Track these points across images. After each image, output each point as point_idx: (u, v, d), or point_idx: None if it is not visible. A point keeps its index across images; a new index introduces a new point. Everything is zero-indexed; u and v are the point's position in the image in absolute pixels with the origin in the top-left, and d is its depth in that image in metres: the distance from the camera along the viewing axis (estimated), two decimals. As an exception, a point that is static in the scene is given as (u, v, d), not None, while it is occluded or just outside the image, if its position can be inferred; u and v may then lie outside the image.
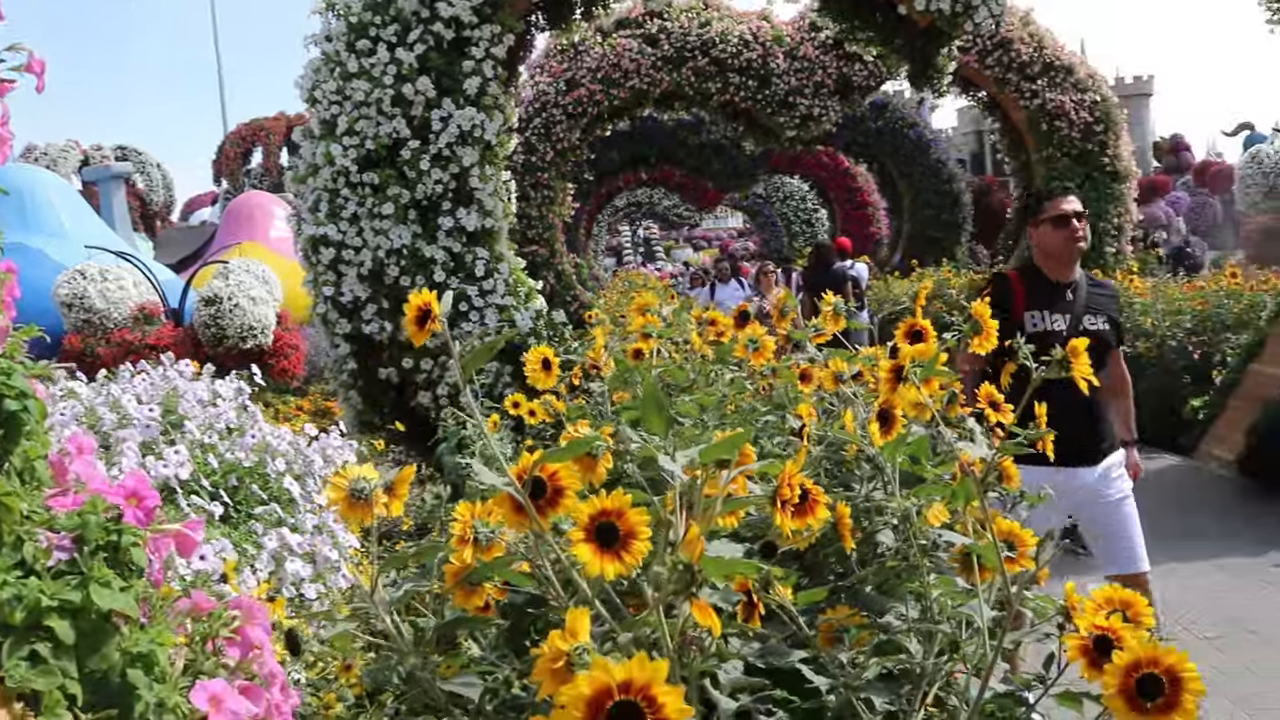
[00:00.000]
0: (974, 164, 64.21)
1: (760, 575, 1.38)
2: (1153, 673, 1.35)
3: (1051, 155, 16.21)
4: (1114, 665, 1.37)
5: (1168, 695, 1.34)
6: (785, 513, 1.49)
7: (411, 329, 1.37)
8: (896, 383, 1.79)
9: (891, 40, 9.78)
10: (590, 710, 0.92)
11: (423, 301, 1.33)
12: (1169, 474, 8.83)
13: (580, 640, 1.07)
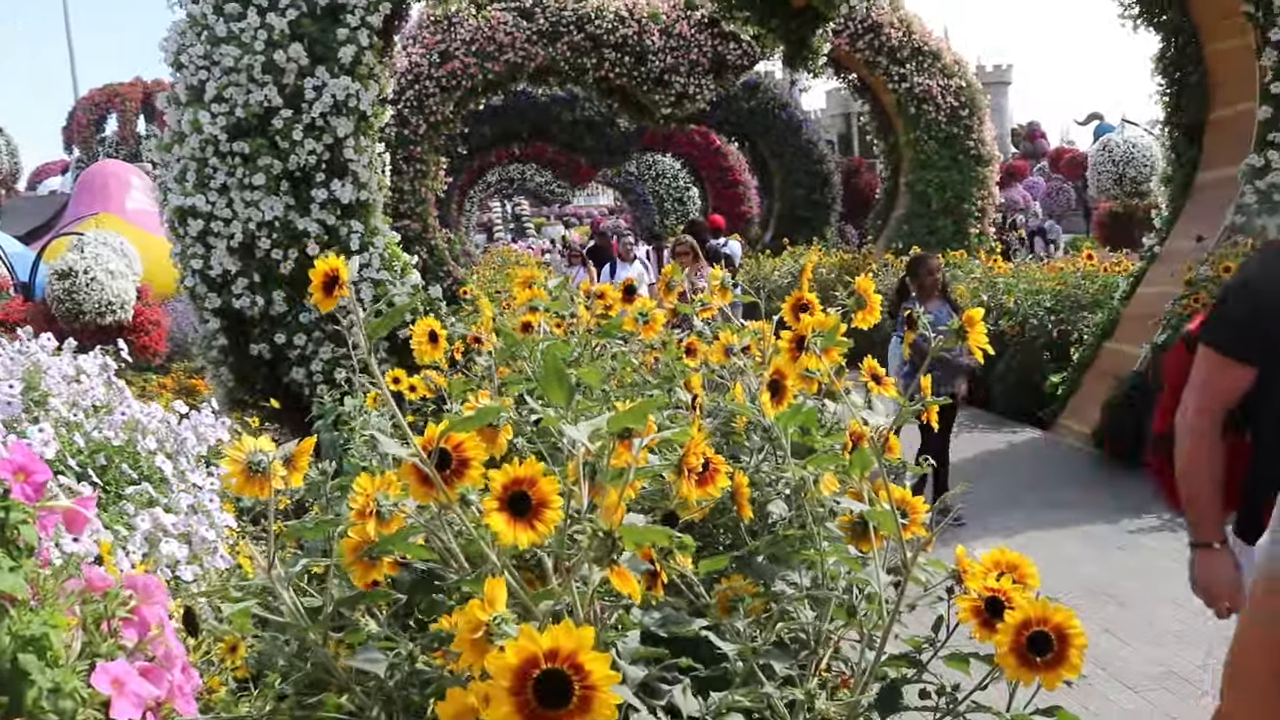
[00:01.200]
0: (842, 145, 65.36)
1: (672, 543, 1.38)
2: (1042, 630, 1.40)
3: (919, 138, 16.60)
4: (1006, 625, 1.42)
5: (1056, 651, 1.38)
6: (690, 482, 1.49)
7: (318, 295, 1.33)
8: (798, 353, 1.82)
9: (768, 21, 9.88)
10: (517, 679, 0.91)
11: (330, 267, 1.29)
12: (1030, 447, 9.18)
13: (498, 610, 1.06)
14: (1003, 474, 8.27)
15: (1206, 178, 9.23)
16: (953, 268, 13.89)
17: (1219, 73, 9.12)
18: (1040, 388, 9.79)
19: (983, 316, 5.12)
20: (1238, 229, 8.42)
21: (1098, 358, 9.29)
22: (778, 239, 23.35)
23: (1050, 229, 32.89)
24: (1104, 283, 10.40)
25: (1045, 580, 5.04)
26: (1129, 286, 9.45)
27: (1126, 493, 7.43)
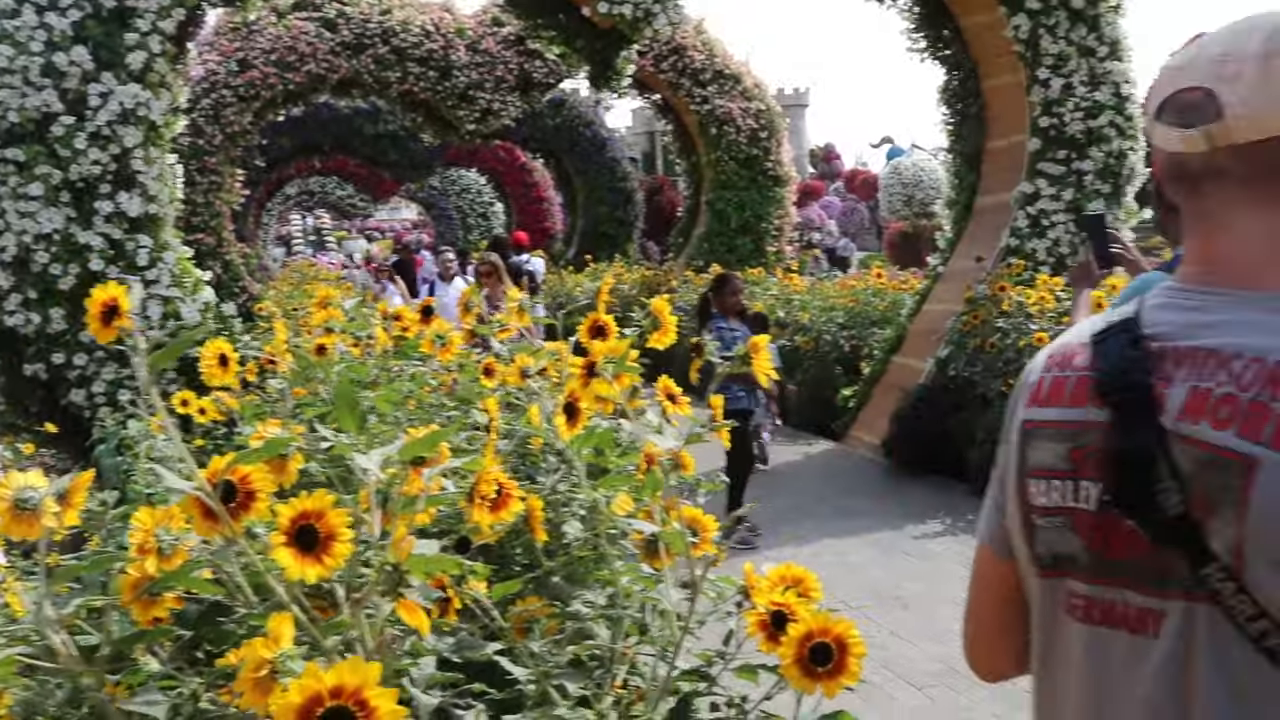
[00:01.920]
0: (646, 163, 66.21)
1: (463, 570, 1.39)
2: (824, 641, 1.46)
3: (720, 158, 17.02)
4: (789, 637, 1.48)
5: (836, 661, 1.45)
6: (482, 508, 1.51)
7: (95, 326, 1.28)
8: (588, 378, 1.85)
9: (574, 40, 9.98)
10: (302, 718, 0.91)
11: (108, 296, 1.25)
12: (824, 458, 9.52)
13: (284, 646, 1.05)
14: (797, 485, 8.56)
15: (985, 202, 9.80)
16: (751, 285, 14.32)
17: (995, 106, 9.71)
18: (833, 401, 10.18)
19: (779, 332, 5.31)
20: (1012, 251, 8.97)
21: (887, 371, 9.73)
22: (581, 255, 23.51)
23: (844, 247, 34.19)
24: (893, 300, 10.90)
25: (835, 587, 5.25)
26: (915, 304, 9.93)
27: (913, 500, 7.80)
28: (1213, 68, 1.16)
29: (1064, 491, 1.25)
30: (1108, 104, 9.02)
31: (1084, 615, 1.25)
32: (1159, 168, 1.27)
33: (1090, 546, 1.23)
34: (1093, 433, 1.22)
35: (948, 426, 8.20)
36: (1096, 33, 9.02)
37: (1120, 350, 1.22)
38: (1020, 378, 1.41)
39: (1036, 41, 8.92)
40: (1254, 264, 1.18)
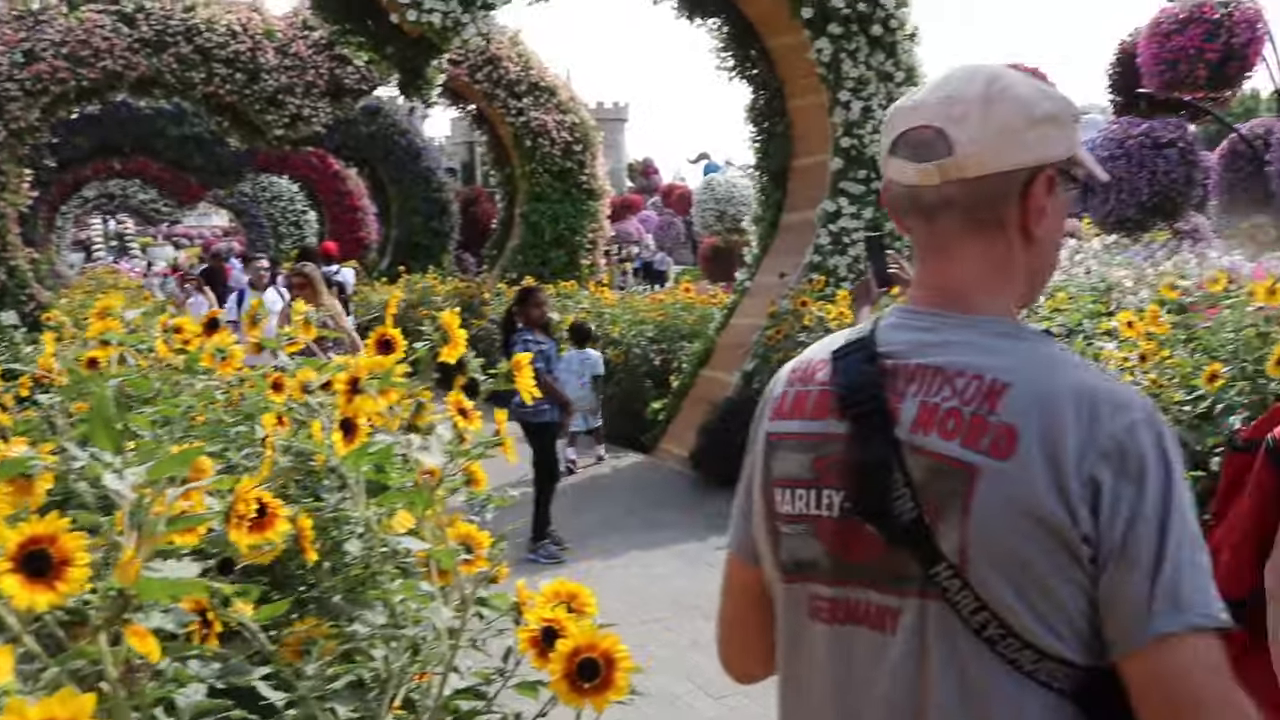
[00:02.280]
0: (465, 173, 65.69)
1: (214, 594, 1.35)
2: (591, 657, 1.47)
3: (534, 171, 17.03)
4: (558, 653, 1.48)
5: (604, 676, 1.46)
6: (241, 528, 1.47)
7: None
8: (353, 394, 1.83)
9: (383, 48, 9.81)
10: (5, 755, 0.86)
11: None
12: (633, 471, 9.62)
13: (3, 680, 1.00)
14: (607, 498, 8.62)
15: (790, 219, 10.10)
16: (563, 298, 14.35)
17: (800, 125, 10.02)
18: (643, 414, 10.29)
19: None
20: (815, 267, 9.27)
21: (695, 385, 9.89)
22: (395, 266, 23.17)
23: (661, 260, 34.66)
24: (702, 314, 11.09)
25: (640, 598, 5.32)
26: (723, 318, 10.14)
27: (718, 511, 7.93)
28: (942, 108, 1.29)
29: (808, 500, 1.35)
30: (904, 128, 9.41)
31: (828, 616, 1.34)
32: (892, 199, 1.38)
33: (831, 551, 1.32)
34: (834, 444, 1.32)
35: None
36: (894, 59, 9.43)
37: (858, 367, 1.32)
38: (765, 391, 1.53)
39: (838, 65, 9.25)
40: (975, 288, 1.32)
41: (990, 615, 1.19)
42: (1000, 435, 1.20)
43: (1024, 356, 1.26)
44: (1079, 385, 1.21)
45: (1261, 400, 5.36)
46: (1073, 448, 1.17)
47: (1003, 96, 1.28)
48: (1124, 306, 8.41)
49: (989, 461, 1.19)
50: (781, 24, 9.50)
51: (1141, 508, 1.17)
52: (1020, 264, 1.33)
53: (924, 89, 1.35)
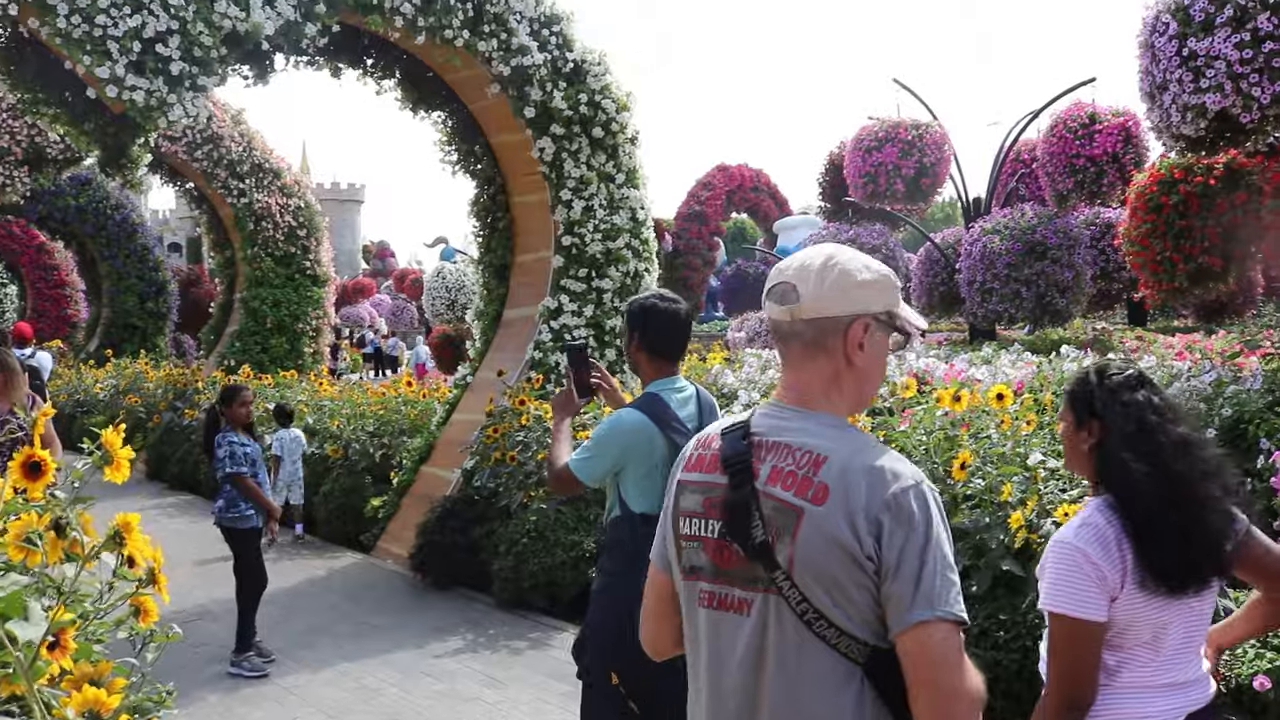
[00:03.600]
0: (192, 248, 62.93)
1: None
2: None
3: (256, 254, 16.42)
4: None
5: None
6: None
7: None
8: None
9: (83, 122, 9.21)
10: None
11: None
12: (350, 572, 9.20)
13: None
14: (321, 603, 8.20)
15: (512, 314, 10.08)
16: (282, 387, 13.79)
17: (522, 222, 10.07)
18: (362, 511, 9.93)
19: (310, 439, 5.14)
20: (536, 364, 9.25)
21: (416, 482, 9.64)
22: (105, 348, 21.78)
23: (393, 346, 34.07)
24: (423, 408, 10.86)
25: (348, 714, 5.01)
26: (445, 413, 9.96)
27: (437, 616, 7.70)
28: (796, 271, 1.98)
29: (699, 526, 2.03)
30: (625, 227, 9.63)
31: (708, 603, 2.01)
32: (769, 328, 2.05)
33: (712, 560, 1.99)
34: (717, 490, 1.99)
35: (473, 538, 8.22)
36: (615, 161, 9.64)
37: (736, 440, 1.99)
38: (681, 452, 2.17)
39: (560, 164, 9.38)
40: (814, 394, 1.98)
41: (809, 606, 1.85)
42: (819, 490, 1.85)
43: (840, 441, 1.90)
44: (872, 462, 1.86)
45: (952, 500, 5.68)
46: (863, 502, 1.82)
47: (835, 267, 1.95)
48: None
49: (811, 506, 1.85)
50: (505, 122, 9.56)
51: (909, 541, 1.80)
52: (846, 380, 1.98)
53: (790, 259, 2.02)
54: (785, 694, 1.90)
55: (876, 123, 15.03)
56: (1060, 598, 2.53)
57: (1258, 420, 6.97)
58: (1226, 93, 8.21)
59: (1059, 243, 13.50)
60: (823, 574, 1.83)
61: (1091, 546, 2.51)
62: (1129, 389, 2.63)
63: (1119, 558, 2.50)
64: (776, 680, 1.90)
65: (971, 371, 8.89)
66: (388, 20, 8.30)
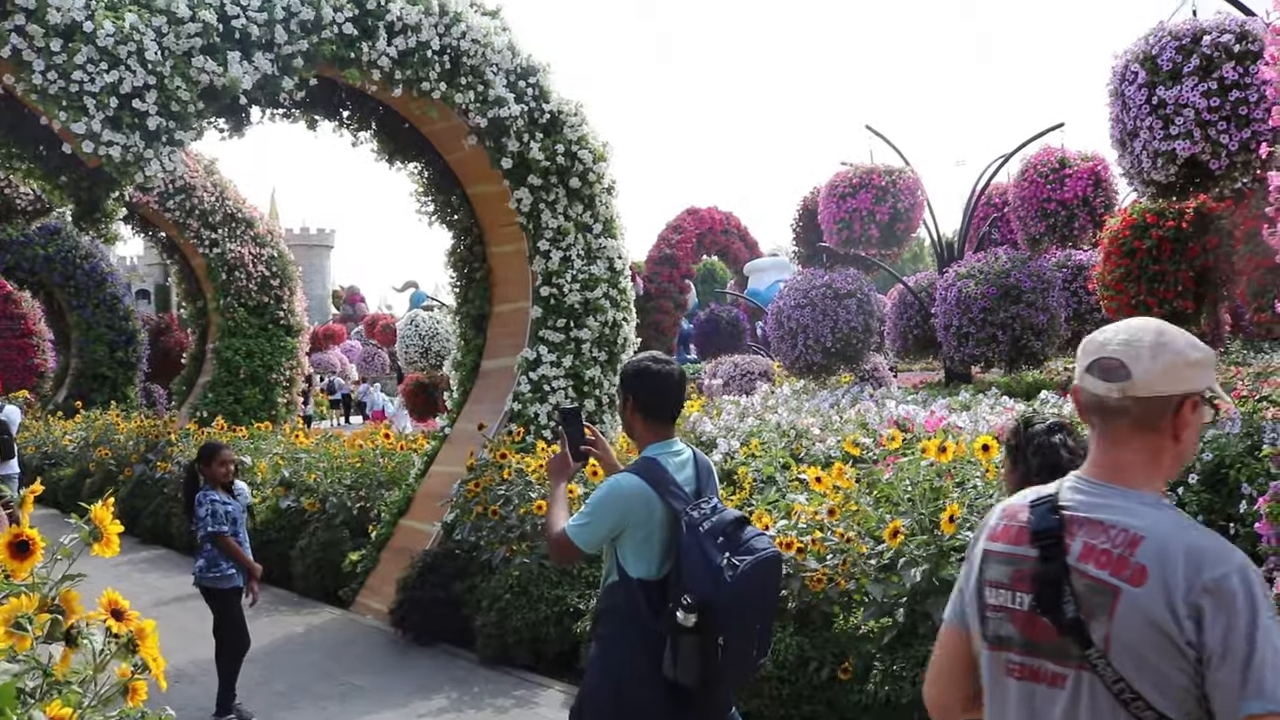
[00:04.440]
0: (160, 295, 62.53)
1: None
2: None
3: (229, 304, 16.32)
4: None
5: None
6: None
7: None
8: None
9: (56, 176, 9.14)
10: None
11: None
12: (329, 629, 9.06)
13: None
14: (300, 662, 8.06)
15: (491, 365, 10.03)
16: (256, 439, 13.65)
17: (500, 272, 10.05)
18: (340, 565, 9.80)
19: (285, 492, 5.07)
20: (515, 415, 9.20)
21: (395, 535, 9.53)
22: (74, 398, 21.55)
23: (365, 392, 33.86)
24: (401, 460, 10.76)
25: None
26: (424, 465, 9.87)
27: (419, 673, 7.59)
28: (1122, 347, 2.00)
29: (1007, 597, 2.07)
30: (603, 277, 9.62)
31: (1018, 675, 2.06)
32: (1083, 401, 2.07)
33: (1022, 632, 2.04)
34: (1026, 563, 2.04)
35: (455, 593, 8.12)
36: (592, 211, 9.66)
37: (1046, 514, 2.04)
38: (983, 521, 2.21)
39: (538, 215, 9.39)
40: (1133, 472, 2.00)
41: (1124, 685, 1.88)
42: (1136, 570, 1.88)
43: (1158, 520, 1.93)
44: (1191, 543, 1.88)
45: (940, 552, 5.65)
46: (1182, 585, 1.83)
47: (1167, 346, 1.98)
48: (813, 455, 8.79)
49: (1128, 587, 1.88)
50: (482, 172, 9.56)
51: (1233, 627, 1.80)
52: (1168, 456, 2.01)
53: (1108, 332, 2.06)
54: None
55: (850, 169, 15.16)
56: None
57: (1238, 465, 7.01)
58: (1195, 139, 8.34)
59: (1033, 286, 13.62)
60: (1140, 657, 1.86)
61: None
62: (1047, 435, 3.23)
63: None
64: None
65: (952, 418, 8.91)
66: (365, 73, 8.30)
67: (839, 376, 16.22)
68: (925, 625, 5.51)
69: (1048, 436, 3.19)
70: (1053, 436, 3.19)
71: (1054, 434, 3.20)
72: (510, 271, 9.92)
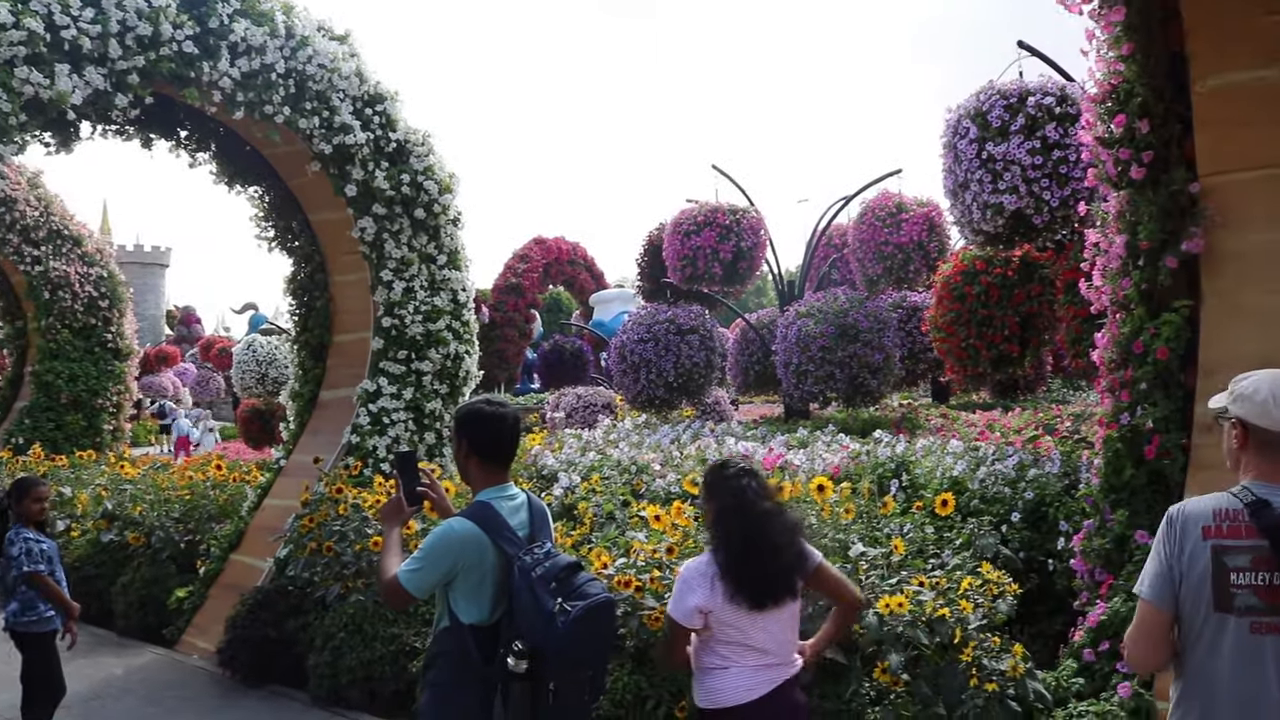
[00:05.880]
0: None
1: None
2: None
3: (51, 325, 15.57)
4: None
5: None
6: None
7: None
8: None
9: None
10: None
11: None
12: (151, 669, 8.65)
13: None
14: (119, 707, 7.67)
15: (329, 396, 9.80)
16: (78, 468, 13.03)
17: (341, 301, 9.85)
18: (166, 603, 9.39)
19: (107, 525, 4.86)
20: (354, 448, 9.00)
21: (225, 571, 9.19)
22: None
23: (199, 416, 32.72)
24: (233, 492, 10.41)
25: None
26: (257, 498, 9.56)
27: (246, 715, 7.32)
28: None
29: (1250, 577, 2.82)
30: (446, 309, 9.53)
31: (1265, 630, 2.81)
32: (1270, 430, 2.91)
33: (1265, 599, 2.81)
34: (1263, 549, 2.81)
35: (287, 631, 7.87)
36: (437, 242, 9.56)
37: (1268, 514, 2.81)
38: (1178, 525, 2.95)
39: (381, 244, 9.24)
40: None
41: None
42: None
43: None
44: None
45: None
46: None
47: None
48: (653, 491, 8.85)
49: None
50: (325, 199, 9.37)
51: None
52: None
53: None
54: None
55: (695, 206, 15.38)
56: (671, 605, 3.78)
57: (1056, 503, 7.34)
58: (1021, 194, 8.75)
59: (870, 326, 14.03)
60: None
61: (694, 577, 3.75)
62: (735, 478, 3.79)
63: (709, 587, 3.70)
64: None
65: (789, 455, 9.09)
66: (205, 94, 8.04)
67: (681, 410, 16.39)
68: (760, 663, 5.59)
69: (738, 479, 3.78)
70: (742, 480, 3.78)
71: (743, 478, 3.79)
72: (352, 301, 9.73)
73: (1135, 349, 5.69)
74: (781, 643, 3.80)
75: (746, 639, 3.71)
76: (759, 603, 3.68)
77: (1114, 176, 5.87)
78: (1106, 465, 5.95)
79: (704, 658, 3.80)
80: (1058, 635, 6.50)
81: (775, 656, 3.77)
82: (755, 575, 3.67)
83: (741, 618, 3.69)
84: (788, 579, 3.75)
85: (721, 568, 3.69)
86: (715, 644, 3.76)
